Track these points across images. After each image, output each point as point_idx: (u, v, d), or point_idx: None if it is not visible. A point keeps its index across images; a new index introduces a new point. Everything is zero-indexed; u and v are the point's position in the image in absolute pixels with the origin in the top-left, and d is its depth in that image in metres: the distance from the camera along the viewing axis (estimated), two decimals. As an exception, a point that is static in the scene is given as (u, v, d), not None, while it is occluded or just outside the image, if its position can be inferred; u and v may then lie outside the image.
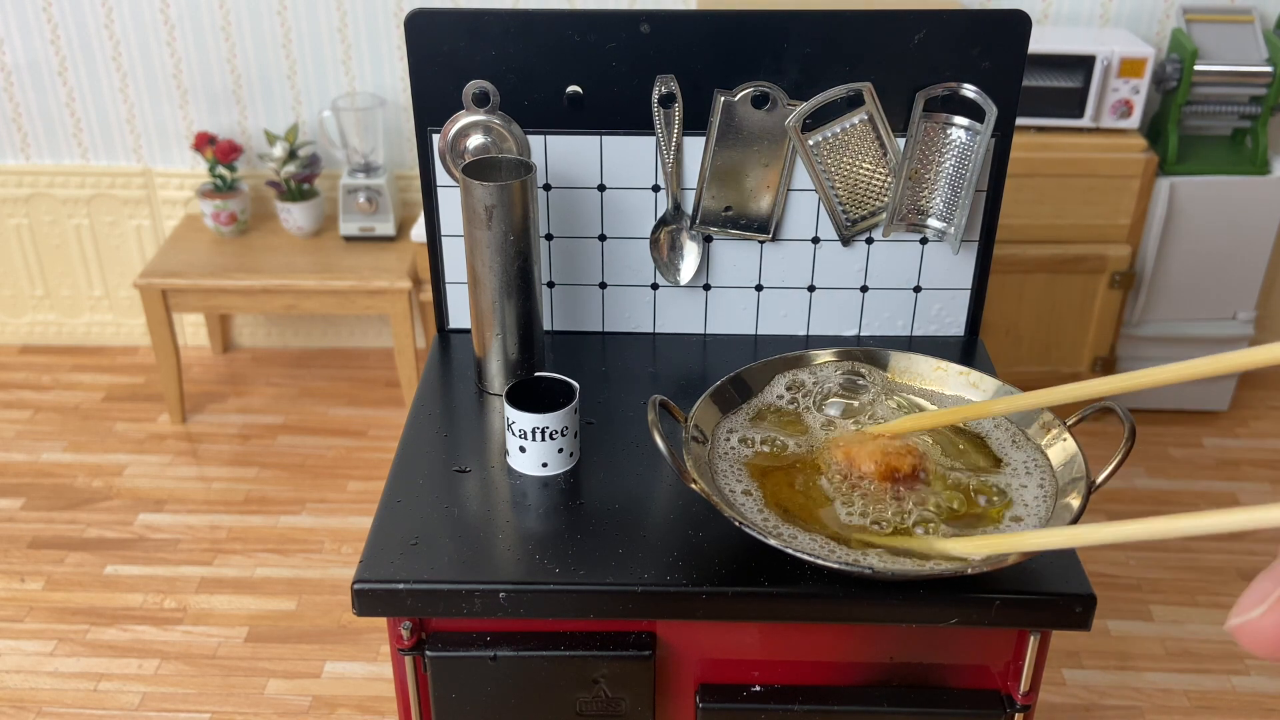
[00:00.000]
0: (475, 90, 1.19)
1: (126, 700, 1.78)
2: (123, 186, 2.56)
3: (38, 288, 2.69)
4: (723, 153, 1.22)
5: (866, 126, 1.20)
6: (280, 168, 2.38)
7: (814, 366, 1.12)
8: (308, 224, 2.42)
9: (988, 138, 1.17)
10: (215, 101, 2.47)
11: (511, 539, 1.00)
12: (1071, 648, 1.88)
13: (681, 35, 1.16)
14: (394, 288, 2.28)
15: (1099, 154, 2.15)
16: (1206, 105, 2.22)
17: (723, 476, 0.99)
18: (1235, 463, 2.35)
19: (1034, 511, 0.95)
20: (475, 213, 1.11)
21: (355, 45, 2.40)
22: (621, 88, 1.19)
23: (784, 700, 1.02)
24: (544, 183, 1.25)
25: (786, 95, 1.19)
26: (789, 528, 0.94)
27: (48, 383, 2.62)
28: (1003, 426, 1.05)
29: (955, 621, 0.93)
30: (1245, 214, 2.24)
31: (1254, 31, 2.22)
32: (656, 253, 1.27)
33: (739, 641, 1.01)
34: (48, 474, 2.31)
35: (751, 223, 1.25)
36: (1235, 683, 1.82)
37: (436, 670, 1.00)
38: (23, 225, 2.61)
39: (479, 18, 1.16)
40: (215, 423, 2.48)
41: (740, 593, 0.93)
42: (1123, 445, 0.95)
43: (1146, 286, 2.31)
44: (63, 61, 2.44)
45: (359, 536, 2.14)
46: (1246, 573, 2.05)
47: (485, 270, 1.14)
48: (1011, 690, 1.01)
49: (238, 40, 2.41)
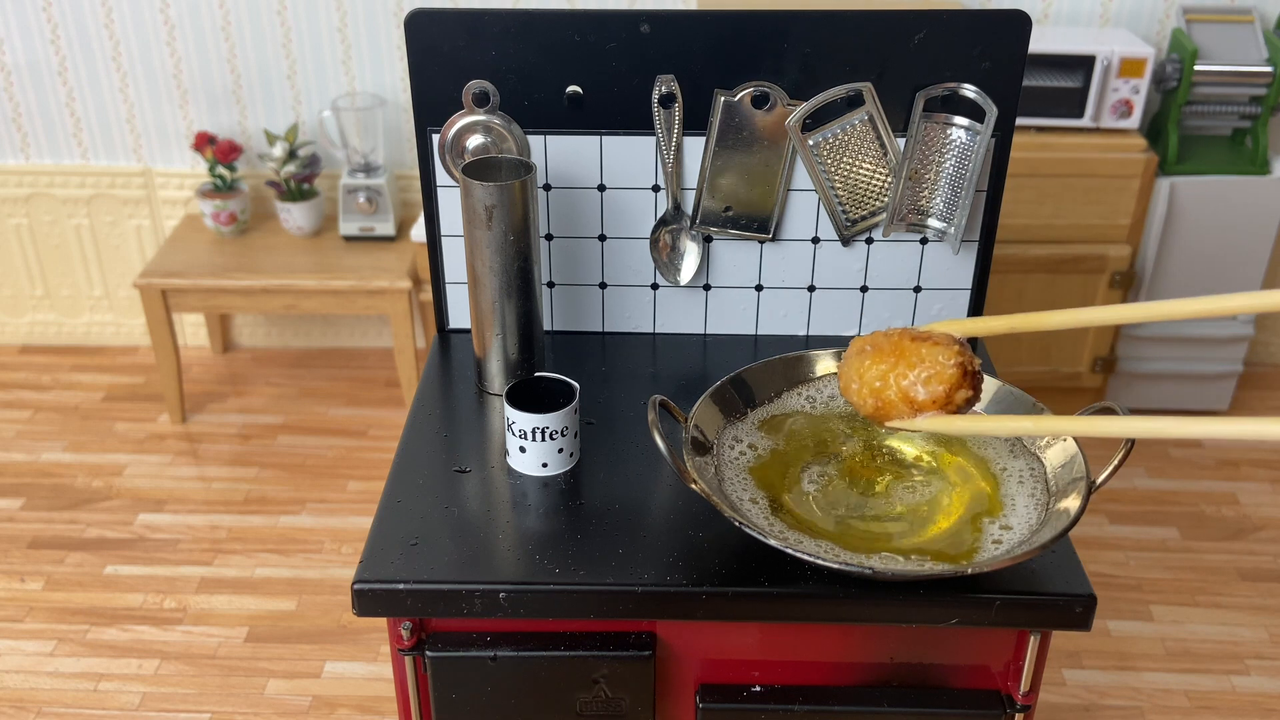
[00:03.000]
0: (475, 90, 1.19)
1: (126, 700, 1.78)
2: (123, 186, 2.56)
3: (38, 287, 2.69)
4: (723, 153, 1.21)
5: (866, 126, 1.20)
6: (280, 168, 2.38)
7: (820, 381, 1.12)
8: (308, 224, 2.42)
9: (988, 138, 1.17)
10: (215, 101, 2.47)
11: (511, 539, 1.00)
12: (1071, 648, 1.88)
13: (681, 35, 1.16)
14: (394, 288, 2.28)
15: (1099, 154, 2.15)
16: (1206, 105, 2.22)
17: (729, 484, 0.99)
18: (1235, 463, 2.35)
19: (1024, 519, 0.96)
20: (475, 213, 1.11)
21: (355, 45, 2.40)
22: (621, 88, 1.19)
23: (784, 700, 1.02)
24: (544, 183, 1.25)
25: (787, 95, 1.19)
26: (790, 529, 0.94)
27: (48, 382, 2.62)
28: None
29: (955, 622, 0.93)
30: (1245, 214, 2.24)
31: (1254, 31, 2.22)
32: (656, 253, 1.27)
33: (739, 641, 1.01)
34: (48, 474, 2.31)
35: (751, 223, 1.25)
36: (1235, 683, 1.82)
37: (436, 670, 1.00)
38: (23, 225, 2.61)
39: (479, 18, 1.16)
40: (215, 423, 2.48)
41: (740, 593, 0.93)
42: (1123, 445, 0.95)
43: (1146, 286, 2.31)
44: (63, 61, 2.44)
45: (359, 536, 2.14)
46: (1246, 573, 2.05)
47: (485, 270, 1.14)
48: (1012, 690, 1.01)
49: (238, 40, 2.41)
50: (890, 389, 0.67)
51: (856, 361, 0.69)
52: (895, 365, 0.68)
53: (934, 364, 0.66)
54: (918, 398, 0.66)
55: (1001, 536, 0.94)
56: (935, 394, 0.66)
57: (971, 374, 0.66)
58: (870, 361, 0.69)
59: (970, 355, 0.67)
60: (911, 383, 0.65)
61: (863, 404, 0.67)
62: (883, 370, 0.69)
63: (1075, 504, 0.92)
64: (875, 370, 0.69)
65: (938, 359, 0.67)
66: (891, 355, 0.68)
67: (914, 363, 0.67)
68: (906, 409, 0.66)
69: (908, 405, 0.66)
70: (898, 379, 0.67)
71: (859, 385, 0.69)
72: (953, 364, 0.64)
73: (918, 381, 0.66)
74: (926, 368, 0.67)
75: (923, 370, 0.67)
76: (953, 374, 0.65)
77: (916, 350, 0.69)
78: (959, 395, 0.67)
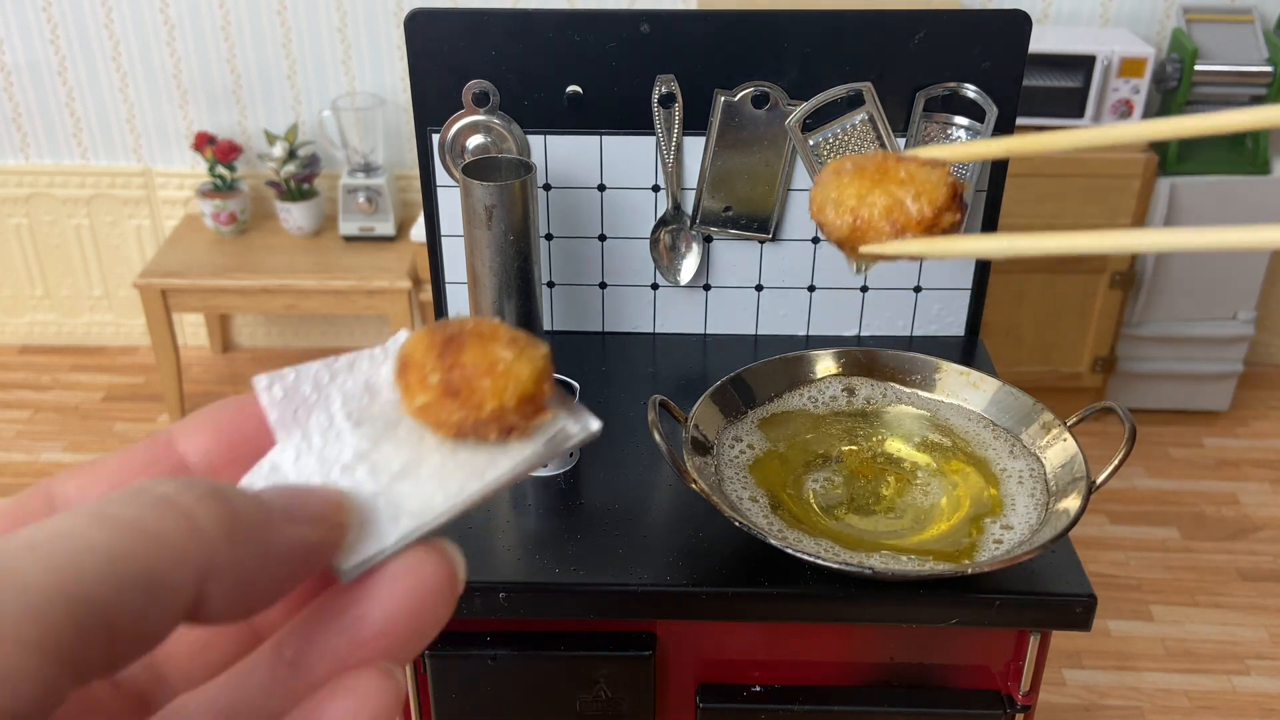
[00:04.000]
0: (475, 90, 1.19)
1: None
2: (122, 186, 2.56)
3: (37, 287, 2.69)
4: (723, 153, 1.21)
5: (867, 126, 1.20)
6: (280, 167, 2.38)
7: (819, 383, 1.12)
8: (307, 224, 2.42)
9: (988, 137, 1.17)
10: (215, 101, 2.47)
11: (511, 539, 1.00)
12: (1072, 648, 1.88)
13: (681, 35, 1.16)
14: (394, 288, 2.28)
15: (1099, 154, 2.15)
16: (1207, 105, 2.22)
17: (729, 483, 0.99)
18: (1235, 463, 2.34)
19: (1025, 520, 0.96)
20: (475, 213, 1.11)
21: (355, 45, 2.40)
22: (621, 88, 1.19)
23: (784, 700, 1.01)
24: (544, 183, 1.25)
25: (787, 95, 1.19)
26: (790, 529, 0.94)
27: (47, 383, 2.62)
28: (1001, 436, 1.05)
29: (956, 622, 0.93)
30: (1246, 214, 2.24)
31: (1254, 31, 2.22)
32: (656, 253, 1.27)
33: (739, 641, 1.01)
34: (47, 474, 2.31)
35: (752, 223, 1.25)
36: (1236, 683, 1.82)
37: (436, 670, 0.99)
38: (22, 225, 2.61)
39: (479, 17, 1.16)
40: (215, 423, 2.48)
41: (740, 593, 0.93)
42: (1123, 445, 0.95)
43: (1147, 287, 2.31)
44: (62, 61, 2.44)
45: (359, 536, 2.13)
46: (1247, 573, 2.05)
47: (485, 270, 1.14)
48: (1012, 690, 1.01)
49: (237, 40, 2.41)
50: (872, 207, 0.59)
51: (834, 180, 0.59)
52: (879, 182, 0.60)
53: (923, 183, 0.59)
54: (901, 217, 0.58)
55: (1002, 536, 0.94)
56: (922, 214, 0.59)
57: (959, 196, 0.58)
58: (850, 179, 0.61)
59: (959, 179, 0.60)
60: (897, 200, 0.58)
61: (839, 224, 0.58)
62: (865, 187, 0.61)
63: (1075, 504, 0.92)
64: (856, 188, 0.61)
65: (928, 177, 0.60)
66: (876, 173, 0.61)
67: (900, 180, 0.60)
68: (888, 228, 0.58)
69: (890, 224, 0.58)
70: (881, 195, 0.59)
71: (835, 205, 0.59)
72: (943, 183, 0.57)
73: (905, 198, 0.59)
74: (913, 185, 0.59)
75: (909, 188, 0.60)
76: (943, 194, 0.58)
77: (904, 168, 0.61)
78: (946, 218, 0.58)
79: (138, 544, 0.23)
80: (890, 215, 0.56)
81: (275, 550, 0.26)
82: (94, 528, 0.23)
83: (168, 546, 0.23)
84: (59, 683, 0.21)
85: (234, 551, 0.24)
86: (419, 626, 0.28)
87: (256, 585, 0.25)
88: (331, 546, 0.27)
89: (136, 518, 0.23)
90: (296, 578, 0.26)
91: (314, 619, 0.28)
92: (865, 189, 0.57)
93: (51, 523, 0.23)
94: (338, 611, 0.27)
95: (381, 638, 0.27)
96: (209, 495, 0.25)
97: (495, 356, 0.30)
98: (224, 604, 0.24)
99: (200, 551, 0.24)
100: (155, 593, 0.23)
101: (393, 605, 0.27)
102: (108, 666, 0.23)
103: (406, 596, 0.27)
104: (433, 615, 0.28)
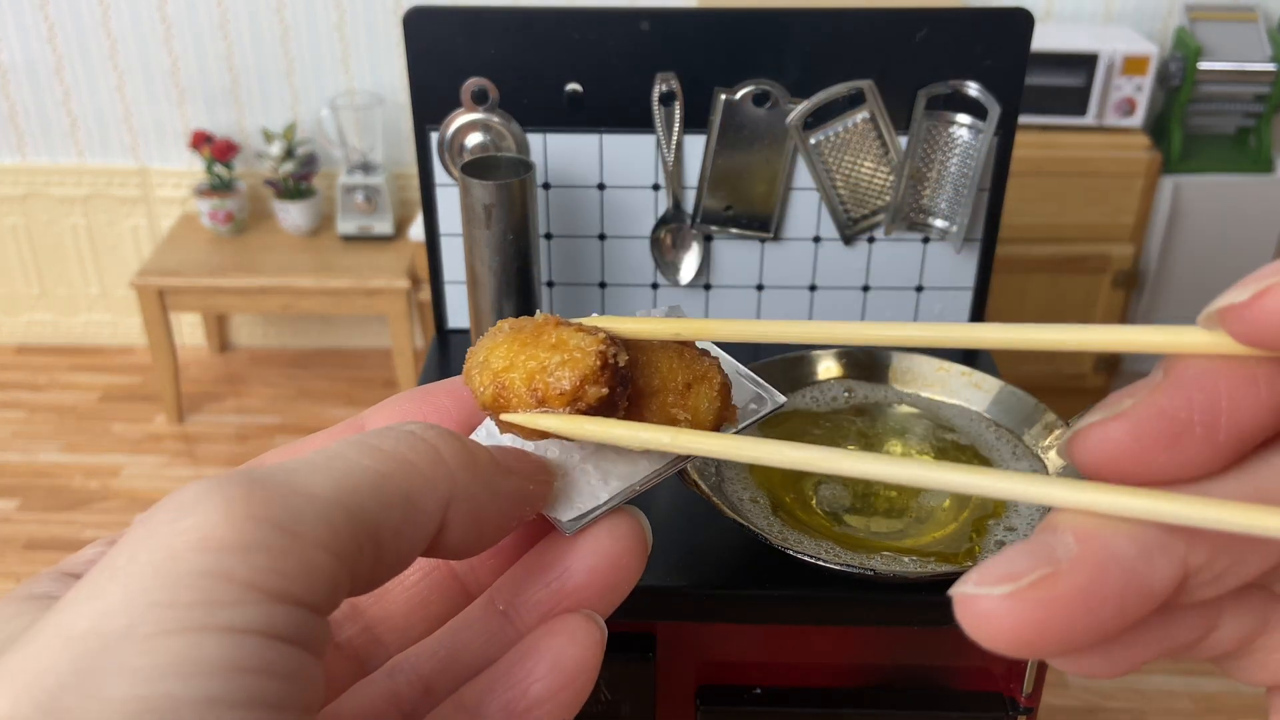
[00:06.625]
0: (474, 88, 1.18)
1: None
2: (119, 185, 2.55)
3: (34, 287, 2.68)
4: (723, 151, 1.21)
5: (868, 125, 1.19)
6: (278, 166, 2.37)
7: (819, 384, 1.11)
8: (305, 223, 2.41)
9: (990, 136, 1.17)
10: (213, 100, 2.46)
11: (510, 541, 0.99)
12: (1073, 649, 1.88)
13: (682, 33, 1.15)
14: (392, 287, 2.27)
15: (1102, 152, 2.14)
16: (1210, 104, 2.22)
17: (729, 483, 0.99)
18: (1238, 463, 2.34)
19: (1028, 521, 0.95)
20: (474, 212, 1.10)
21: (353, 43, 2.39)
22: (621, 86, 1.18)
23: (785, 703, 1.01)
24: (543, 181, 1.24)
25: (788, 93, 1.18)
26: (791, 531, 0.93)
27: (44, 383, 2.61)
28: (1004, 437, 1.04)
29: (957, 624, 0.92)
30: (1249, 213, 2.23)
31: (1258, 30, 2.21)
32: (657, 252, 1.26)
33: (740, 643, 1.00)
34: (44, 474, 2.30)
35: (752, 222, 1.24)
36: (1239, 685, 1.82)
37: (434, 674, 0.99)
38: (19, 224, 2.60)
39: (478, 15, 1.15)
40: (212, 423, 2.47)
41: (741, 594, 0.92)
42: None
43: (1150, 286, 2.30)
44: (59, 60, 2.43)
45: (357, 537, 2.13)
46: (1249, 574, 2.04)
47: (484, 270, 1.13)
48: (1014, 693, 1.00)
49: (235, 39, 2.40)
50: (514, 372, 0.52)
51: (488, 341, 0.52)
52: (527, 346, 0.53)
53: (571, 350, 0.52)
54: (541, 386, 0.51)
55: (1005, 538, 0.93)
56: (561, 385, 0.52)
57: (613, 368, 0.51)
58: (503, 341, 0.54)
59: (619, 350, 0.52)
60: (540, 367, 0.50)
61: (482, 390, 0.51)
62: (513, 351, 0.54)
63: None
64: (505, 350, 0.53)
65: (579, 345, 0.52)
66: (529, 337, 0.54)
67: (550, 345, 0.52)
68: (529, 398, 0.50)
69: (530, 393, 0.51)
70: (525, 362, 0.52)
71: (481, 368, 0.51)
72: (592, 351, 0.50)
73: (548, 367, 0.51)
74: (560, 352, 0.52)
75: (556, 355, 0.52)
76: (589, 364, 0.51)
77: (557, 333, 0.53)
78: (591, 391, 0.51)
79: (398, 469, 0.26)
80: (531, 383, 0.51)
81: (501, 491, 0.29)
82: (363, 455, 0.26)
83: (421, 474, 0.26)
84: (342, 584, 0.24)
85: (471, 484, 0.28)
86: (616, 582, 0.31)
87: (486, 520, 0.28)
88: (540, 499, 0.32)
89: (394, 447, 0.27)
90: (515, 520, 0.30)
91: (522, 574, 0.31)
92: (514, 353, 0.51)
93: (326, 450, 0.26)
94: (544, 567, 0.31)
95: (584, 589, 0.31)
96: (450, 435, 0.29)
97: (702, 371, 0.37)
98: (460, 533, 0.27)
99: (446, 480, 0.27)
100: (411, 513, 0.26)
101: (594, 560, 0.31)
102: (370, 581, 0.25)
103: (606, 553, 0.31)
104: (628, 571, 0.31)
